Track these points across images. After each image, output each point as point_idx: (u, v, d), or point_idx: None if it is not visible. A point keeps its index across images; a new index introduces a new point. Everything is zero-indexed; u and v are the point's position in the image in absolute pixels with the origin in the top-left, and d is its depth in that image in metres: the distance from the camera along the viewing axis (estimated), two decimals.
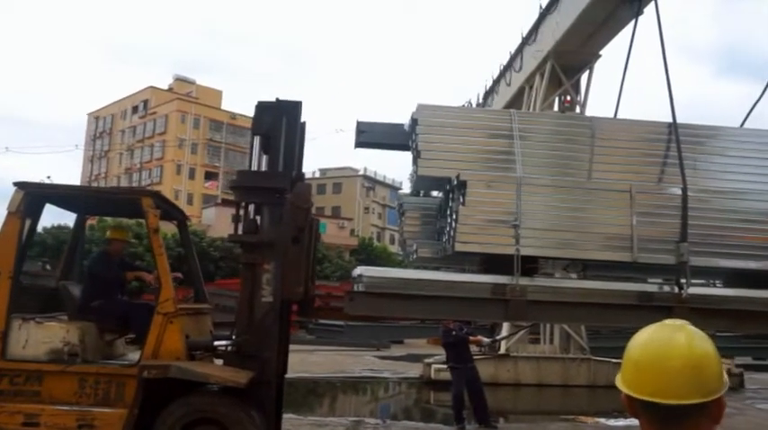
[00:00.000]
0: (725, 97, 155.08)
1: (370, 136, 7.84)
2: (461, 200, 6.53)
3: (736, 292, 6.68)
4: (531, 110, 18.73)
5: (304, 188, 6.61)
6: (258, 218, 6.95)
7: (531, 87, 19.42)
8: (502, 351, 17.11)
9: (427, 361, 17.51)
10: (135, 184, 70.97)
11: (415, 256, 7.45)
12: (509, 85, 20.83)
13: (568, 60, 17.80)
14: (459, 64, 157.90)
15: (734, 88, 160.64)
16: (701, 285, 7.10)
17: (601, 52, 18.02)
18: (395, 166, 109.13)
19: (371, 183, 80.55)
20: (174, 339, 6.31)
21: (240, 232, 7.01)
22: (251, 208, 6.92)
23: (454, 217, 6.61)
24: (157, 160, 73.51)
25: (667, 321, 1.61)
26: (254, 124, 7.02)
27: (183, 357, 6.31)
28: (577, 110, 18.50)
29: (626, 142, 7.29)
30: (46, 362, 6.23)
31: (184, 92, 75.45)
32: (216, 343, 6.78)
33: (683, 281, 6.53)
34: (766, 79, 8.73)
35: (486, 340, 14.51)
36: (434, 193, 8.74)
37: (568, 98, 18.80)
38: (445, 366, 12.12)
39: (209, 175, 74.56)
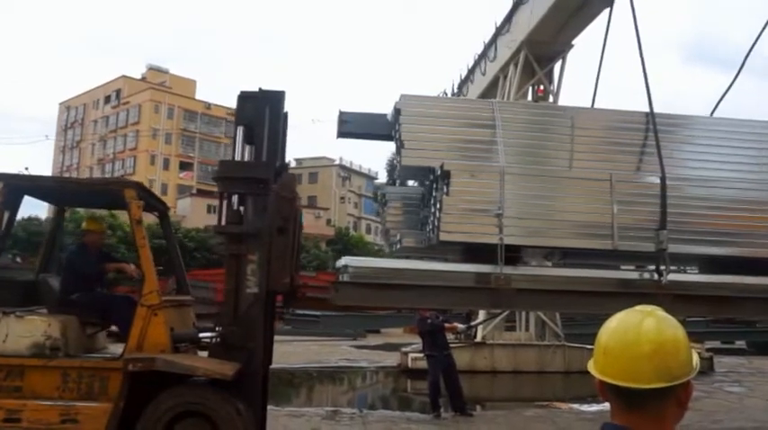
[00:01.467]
0: (694, 84, 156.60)
1: (352, 126, 7.82)
2: (445, 189, 6.55)
3: (714, 279, 6.81)
4: (505, 99, 18.81)
5: (289, 178, 6.59)
6: (242, 208, 6.92)
7: (505, 77, 19.47)
8: (478, 339, 17.22)
9: (404, 349, 17.59)
10: (108, 175, 70.12)
11: (398, 246, 7.47)
12: (483, 74, 20.83)
13: (542, 50, 17.88)
14: (435, 53, 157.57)
15: (702, 76, 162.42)
16: (678, 272, 7.22)
17: (573, 42, 18.19)
18: (371, 156, 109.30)
19: (347, 172, 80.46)
20: (159, 332, 6.25)
21: (223, 223, 6.99)
22: (234, 198, 6.87)
23: (438, 206, 6.63)
24: (131, 150, 72.61)
25: (638, 307, 1.62)
26: (237, 114, 6.96)
27: (168, 350, 6.26)
28: (550, 99, 18.63)
29: (605, 131, 7.38)
30: (27, 357, 6.14)
31: (158, 81, 74.41)
32: (201, 335, 6.73)
33: (662, 268, 6.63)
34: (731, 68, 8.87)
35: (461, 326, 14.67)
36: (410, 182, 8.74)
37: (541, 87, 18.94)
38: (422, 355, 12.20)
39: (184, 166, 73.88)
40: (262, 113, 6.86)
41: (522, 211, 6.64)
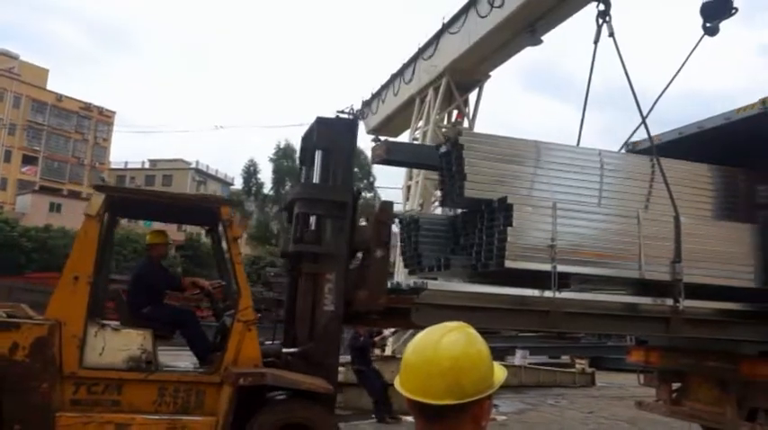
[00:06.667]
0: (532, 110, 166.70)
1: (398, 154, 8.30)
2: (506, 220, 7.22)
3: (720, 305, 7.93)
4: (423, 121, 19.71)
5: (387, 205, 7.00)
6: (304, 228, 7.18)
7: (422, 100, 20.26)
8: (388, 352, 17.90)
9: None
10: None
11: (442, 270, 8.00)
12: (396, 95, 21.55)
13: (462, 78, 18.77)
14: (342, 70, 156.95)
15: (538, 102, 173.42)
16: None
17: (491, 73, 19.44)
18: (227, 161, 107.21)
19: (203, 176, 78.75)
20: (253, 346, 6.44)
21: (290, 243, 7.27)
22: (312, 219, 7.15)
23: (496, 235, 7.29)
24: None
25: (446, 323, 1.68)
26: (316, 138, 7.25)
27: (260, 364, 6.46)
28: (465, 124, 19.71)
29: (625, 172, 8.38)
30: (125, 370, 6.13)
31: (5, 67, 68.56)
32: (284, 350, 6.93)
33: (678, 295, 7.69)
34: (562, 96, 10.12)
35: (387, 333, 15.45)
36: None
37: (459, 113, 19.96)
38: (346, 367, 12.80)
39: (28, 160, 68.90)
40: (339, 139, 7.22)
41: (570, 242, 7.46)
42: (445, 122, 19.86)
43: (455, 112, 19.69)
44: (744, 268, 8.11)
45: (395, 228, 8.06)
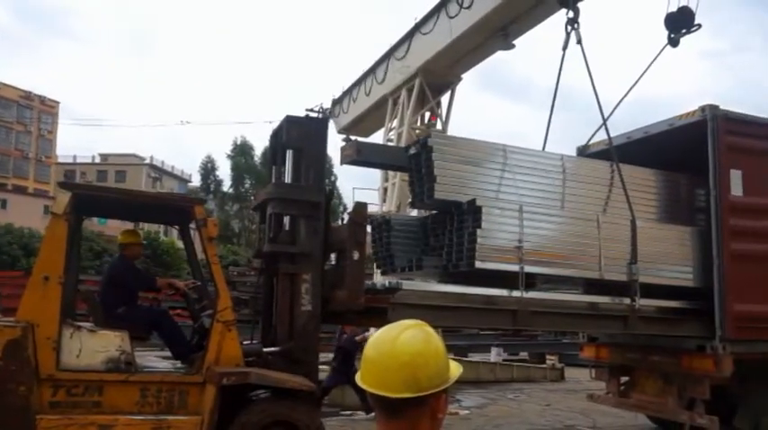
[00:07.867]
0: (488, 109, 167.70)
1: (367, 155, 8.45)
2: (475, 222, 7.47)
3: (668, 304, 8.38)
4: (397, 121, 19.84)
5: (361, 206, 7.14)
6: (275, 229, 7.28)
7: (395, 101, 20.29)
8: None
9: None
10: None
11: (414, 270, 8.19)
12: (368, 95, 21.65)
13: (434, 79, 19.02)
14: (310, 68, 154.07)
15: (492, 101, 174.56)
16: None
17: (462, 75, 19.69)
18: (184, 157, 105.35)
19: (158, 173, 77.53)
20: (233, 346, 6.54)
21: (265, 242, 7.38)
22: (286, 219, 7.26)
23: (466, 236, 7.52)
24: None
25: (405, 320, 1.75)
26: (287, 138, 7.34)
27: (242, 363, 6.56)
28: (438, 126, 19.92)
29: (585, 177, 8.71)
30: (105, 372, 6.16)
31: None
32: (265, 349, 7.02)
33: (634, 295, 8.08)
34: (511, 96, 10.46)
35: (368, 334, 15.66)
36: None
37: (433, 115, 20.13)
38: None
39: None
40: (310, 138, 7.33)
41: (536, 244, 7.75)
42: (418, 124, 20.01)
43: (428, 114, 19.87)
44: (686, 269, 8.64)
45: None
